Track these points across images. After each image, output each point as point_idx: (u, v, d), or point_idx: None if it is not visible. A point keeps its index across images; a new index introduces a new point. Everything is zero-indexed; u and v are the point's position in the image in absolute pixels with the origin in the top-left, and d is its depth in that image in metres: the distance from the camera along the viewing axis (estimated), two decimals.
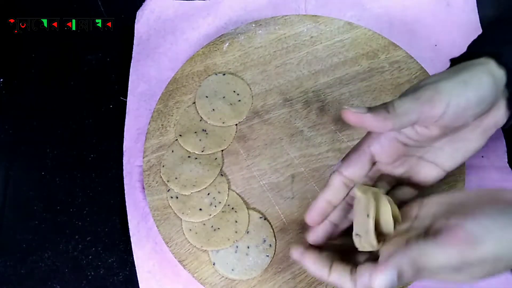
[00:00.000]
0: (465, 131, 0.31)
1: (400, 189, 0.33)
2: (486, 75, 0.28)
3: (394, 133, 0.31)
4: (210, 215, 0.41)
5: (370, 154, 0.32)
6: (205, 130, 0.44)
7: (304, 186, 0.42)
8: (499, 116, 0.30)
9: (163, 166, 0.43)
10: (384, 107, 0.28)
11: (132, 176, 0.45)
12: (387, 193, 0.32)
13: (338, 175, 0.32)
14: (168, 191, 0.42)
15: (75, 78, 0.50)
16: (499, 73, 0.28)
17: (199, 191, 0.42)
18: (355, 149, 0.32)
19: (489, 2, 0.51)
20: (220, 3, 0.52)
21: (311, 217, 0.32)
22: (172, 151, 0.44)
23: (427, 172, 0.32)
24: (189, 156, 0.43)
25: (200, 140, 0.44)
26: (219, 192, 0.42)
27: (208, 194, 0.42)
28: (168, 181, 0.42)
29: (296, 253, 0.31)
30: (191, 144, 0.44)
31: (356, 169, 0.32)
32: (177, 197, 0.42)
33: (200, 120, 0.45)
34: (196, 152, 0.43)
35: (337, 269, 0.29)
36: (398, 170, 0.33)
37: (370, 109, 0.28)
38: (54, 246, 0.44)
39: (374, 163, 0.32)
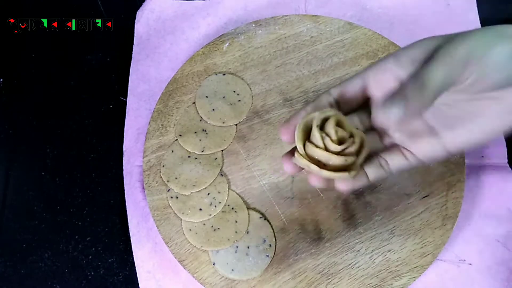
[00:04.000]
0: (484, 103, 0.26)
1: (392, 153, 0.30)
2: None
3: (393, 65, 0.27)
4: (210, 215, 0.41)
5: (363, 82, 0.29)
6: (205, 130, 0.44)
7: (304, 186, 0.42)
8: None
9: (163, 166, 0.43)
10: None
11: (132, 176, 0.45)
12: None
13: (327, 95, 0.30)
14: (168, 191, 0.42)
15: (75, 78, 0.50)
16: None
17: (199, 191, 0.42)
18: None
19: (489, 2, 0.51)
20: (220, 3, 0.52)
21: (288, 123, 0.30)
22: (172, 151, 0.44)
23: (423, 140, 0.29)
24: (189, 156, 0.43)
25: (200, 140, 0.44)
26: (219, 192, 0.42)
27: (208, 194, 0.42)
28: (168, 181, 0.42)
29: None
30: (191, 144, 0.44)
31: (345, 92, 0.30)
32: (177, 197, 0.42)
33: (200, 120, 0.45)
34: (196, 152, 0.43)
35: None
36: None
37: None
38: (54, 246, 0.44)
39: (368, 98, 0.30)
